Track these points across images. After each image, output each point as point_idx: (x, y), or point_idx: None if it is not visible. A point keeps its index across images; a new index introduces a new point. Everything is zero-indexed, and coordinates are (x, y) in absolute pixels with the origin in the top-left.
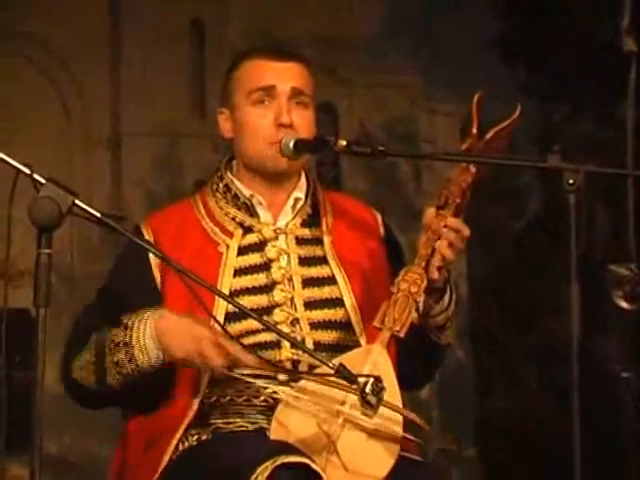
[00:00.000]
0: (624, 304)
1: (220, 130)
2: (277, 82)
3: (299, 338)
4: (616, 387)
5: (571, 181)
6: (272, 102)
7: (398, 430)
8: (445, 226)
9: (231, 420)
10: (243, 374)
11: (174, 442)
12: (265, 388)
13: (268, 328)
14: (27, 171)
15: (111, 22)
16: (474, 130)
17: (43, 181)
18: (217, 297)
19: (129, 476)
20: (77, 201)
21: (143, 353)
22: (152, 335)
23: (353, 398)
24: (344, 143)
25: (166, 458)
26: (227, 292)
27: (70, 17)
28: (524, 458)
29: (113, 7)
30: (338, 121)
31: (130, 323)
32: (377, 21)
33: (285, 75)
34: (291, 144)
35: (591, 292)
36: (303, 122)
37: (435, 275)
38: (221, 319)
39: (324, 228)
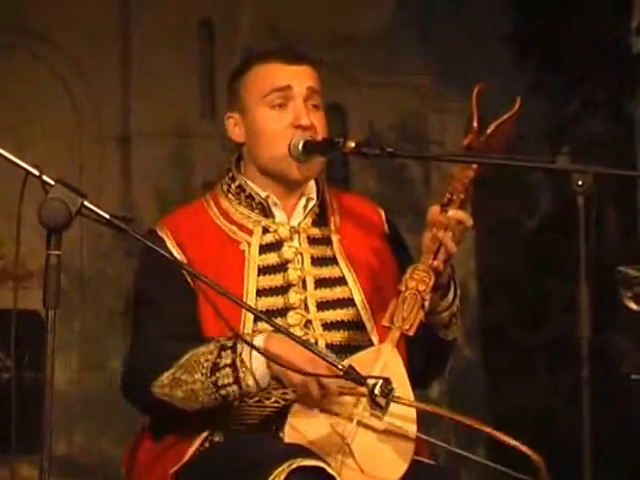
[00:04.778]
0: (634, 305)
1: (229, 135)
2: (293, 83)
3: (312, 340)
4: (627, 388)
5: (580, 182)
6: (288, 104)
7: (412, 429)
8: (449, 219)
9: (243, 422)
10: None
11: (196, 444)
12: (275, 388)
13: (280, 331)
14: (36, 173)
15: (121, 21)
16: (475, 124)
17: (52, 182)
18: (244, 297)
19: (147, 466)
20: (86, 202)
21: (252, 377)
22: (262, 359)
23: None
24: (353, 144)
25: (184, 458)
26: (254, 291)
27: (80, 16)
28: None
29: (123, 6)
30: (347, 121)
31: (232, 345)
32: (386, 20)
33: (300, 76)
34: (300, 145)
35: (602, 292)
36: (320, 124)
37: (441, 268)
38: (250, 317)
39: (332, 227)
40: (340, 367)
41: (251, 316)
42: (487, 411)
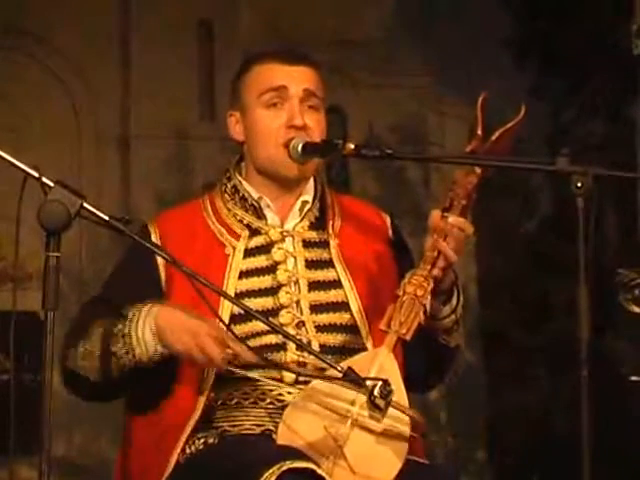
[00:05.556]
0: (634, 308)
1: (230, 133)
2: (289, 84)
3: (305, 341)
4: (626, 390)
5: (579, 184)
6: (284, 104)
7: (406, 431)
8: (449, 225)
9: (238, 423)
10: (247, 373)
11: (181, 443)
12: (271, 390)
13: (273, 329)
14: (35, 174)
15: (121, 21)
16: (479, 131)
17: (51, 184)
18: (222, 299)
19: (136, 477)
20: (85, 204)
21: (141, 345)
22: (151, 327)
23: (361, 400)
24: (352, 146)
25: (173, 460)
26: (232, 294)
27: (80, 16)
28: (534, 460)
29: (123, 6)
30: (347, 123)
31: (130, 315)
32: (387, 22)
33: (297, 77)
34: (299, 147)
35: (602, 294)
36: (316, 125)
37: (439, 275)
38: (226, 320)
39: (331, 231)
40: (339, 369)
41: (228, 312)
42: (486, 412)
